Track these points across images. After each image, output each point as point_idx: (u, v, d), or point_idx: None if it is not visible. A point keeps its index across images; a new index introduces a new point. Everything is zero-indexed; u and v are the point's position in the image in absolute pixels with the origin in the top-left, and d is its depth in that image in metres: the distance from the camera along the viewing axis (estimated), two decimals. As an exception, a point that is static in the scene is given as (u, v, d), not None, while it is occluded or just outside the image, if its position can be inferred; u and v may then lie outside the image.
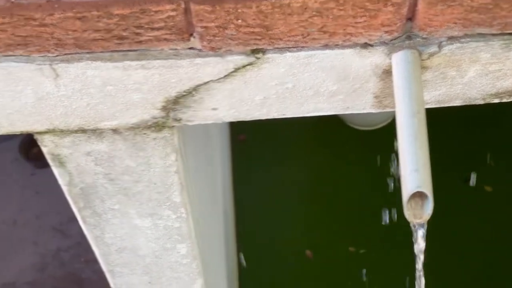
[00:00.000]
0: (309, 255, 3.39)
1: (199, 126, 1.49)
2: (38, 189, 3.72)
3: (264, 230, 3.46)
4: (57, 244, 3.57)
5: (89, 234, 1.36)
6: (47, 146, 1.13)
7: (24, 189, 3.73)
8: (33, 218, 3.64)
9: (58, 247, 3.56)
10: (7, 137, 3.70)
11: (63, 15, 0.89)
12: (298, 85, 1.02)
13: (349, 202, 3.48)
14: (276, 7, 0.89)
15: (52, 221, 3.63)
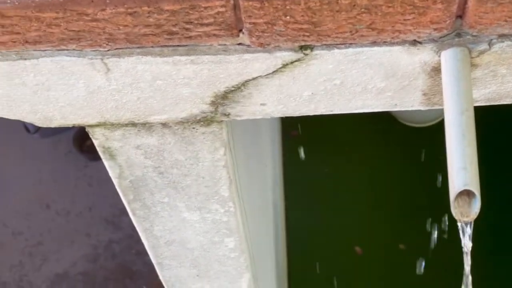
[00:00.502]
0: (359, 252, 3.38)
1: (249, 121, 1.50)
2: (90, 181, 3.77)
3: (313, 225, 3.46)
4: (109, 236, 3.62)
5: (139, 227, 1.38)
6: (98, 139, 1.15)
7: (77, 180, 3.78)
8: (86, 209, 3.69)
9: (110, 239, 3.61)
10: (61, 129, 3.76)
11: (114, 11, 0.90)
12: (346, 82, 1.02)
13: (400, 199, 3.46)
14: (324, 4, 0.89)
15: (104, 213, 3.68)
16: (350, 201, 3.51)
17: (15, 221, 3.67)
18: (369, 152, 3.66)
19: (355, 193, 3.54)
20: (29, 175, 3.80)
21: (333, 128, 3.70)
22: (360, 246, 3.40)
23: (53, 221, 3.67)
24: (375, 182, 3.55)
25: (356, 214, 3.47)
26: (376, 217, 3.43)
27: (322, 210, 3.51)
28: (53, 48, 0.97)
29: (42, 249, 3.60)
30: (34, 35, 0.94)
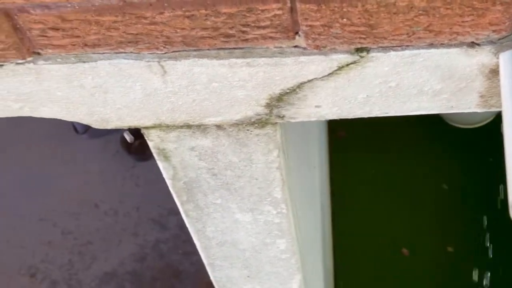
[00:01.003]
0: (406, 253, 3.36)
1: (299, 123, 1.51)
2: (138, 182, 3.80)
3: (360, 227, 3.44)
4: (156, 236, 3.64)
5: (191, 228, 1.39)
6: (153, 140, 1.17)
7: (125, 181, 3.82)
8: (133, 209, 3.72)
9: (157, 239, 3.63)
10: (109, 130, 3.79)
11: (172, 14, 0.91)
12: (402, 84, 1.02)
13: (448, 201, 3.43)
14: (381, 6, 0.89)
15: (152, 213, 3.71)
16: (397, 202, 3.49)
17: (64, 221, 3.71)
18: (416, 153, 3.64)
19: (401, 195, 3.52)
20: (78, 175, 3.84)
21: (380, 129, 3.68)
22: (407, 248, 3.38)
23: (102, 221, 3.71)
24: (422, 184, 3.52)
25: (403, 216, 3.45)
26: (424, 219, 3.41)
27: (369, 211, 3.49)
28: (111, 51, 0.98)
29: (91, 248, 3.64)
30: (93, 38, 0.95)
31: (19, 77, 1.01)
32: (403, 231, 3.41)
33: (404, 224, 3.42)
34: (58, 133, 3.92)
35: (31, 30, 0.93)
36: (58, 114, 1.09)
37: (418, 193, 3.50)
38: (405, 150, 3.66)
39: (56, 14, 0.91)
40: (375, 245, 3.40)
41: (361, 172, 3.61)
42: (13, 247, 3.66)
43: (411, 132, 3.68)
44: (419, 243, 3.36)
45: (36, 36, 0.95)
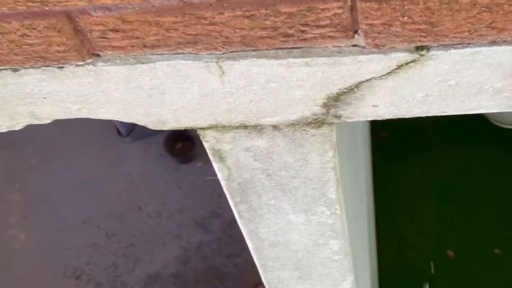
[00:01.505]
0: (451, 256, 3.33)
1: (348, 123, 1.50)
2: (181, 184, 3.82)
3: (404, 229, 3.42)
4: (199, 238, 3.65)
5: (244, 229, 1.39)
6: (209, 141, 1.17)
7: (168, 183, 3.84)
8: (177, 212, 3.74)
9: (200, 241, 3.65)
10: (152, 133, 3.81)
11: (232, 14, 0.91)
12: (462, 82, 1.01)
13: (494, 202, 3.40)
14: (443, 4, 0.88)
15: (194, 215, 3.72)
16: (441, 204, 3.47)
17: (108, 223, 3.74)
18: (460, 154, 3.61)
19: (446, 196, 3.49)
20: (121, 178, 3.87)
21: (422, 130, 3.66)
22: (452, 250, 3.35)
23: (145, 223, 3.74)
24: (467, 185, 3.49)
25: (447, 218, 3.42)
26: (470, 221, 3.38)
27: (413, 213, 3.47)
28: (170, 52, 0.98)
29: (134, 250, 3.67)
30: (153, 39, 0.96)
31: (79, 78, 1.02)
32: (448, 233, 3.39)
33: (449, 226, 3.39)
34: (102, 136, 3.95)
35: (92, 32, 0.94)
36: (115, 115, 1.09)
37: (463, 194, 3.47)
38: (448, 151, 3.63)
39: (116, 15, 0.92)
40: (419, 247, 3.38)
41: (404, 173, 3.59)
42: (58, 249, 3.70)
43: (454, 132, 3.65)
44: (465, 245, 3.33)
45: (96, 38, 0.95)
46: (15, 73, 1.01)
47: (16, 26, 0.93)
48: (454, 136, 3.67)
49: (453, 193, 3.50)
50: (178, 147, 3.94)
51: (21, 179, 3.92)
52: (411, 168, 3.62)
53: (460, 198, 3.47)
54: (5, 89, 1.04)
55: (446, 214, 3.43)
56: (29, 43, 0.95)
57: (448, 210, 3.44)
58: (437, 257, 3.36)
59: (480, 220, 3.37)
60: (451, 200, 3.47)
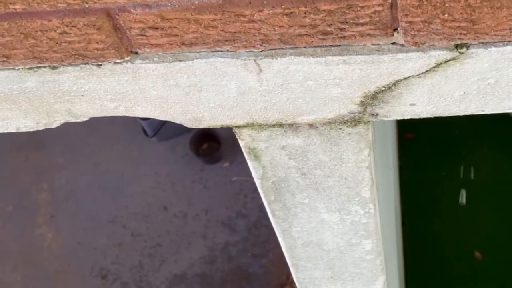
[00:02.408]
0: (478, 257, 3.31)
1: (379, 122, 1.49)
2: (207, 184, 3.82)
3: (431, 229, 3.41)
4: (225, 238, 3.66)
5: (277, 228, 1.39)
6: (245, 139, 1.17)
7: (193, 183, 3.84)
8: (202, 212, 3.74)
9: (226, 241, 3.65)
10: (178, 133, 3.82)
11: (271, 11, 0.91)
12: (501, 81, 1.00)
13: (522, 204, 3.38)
14: (485, 1, 0.88)
15: (220, 215, 3.73)
16: (468, 204, 3.45)
17: (134, 223, 3.75)
18: (487, 155, 3.59)
19: (473, 196, 3.47)
20: (147, 178, 3.88)
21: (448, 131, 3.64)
22: (479, 251, 3.33)
23: (171, 223, 3.74)
24: (495, 185, 3.47)
25: (475, 218, 3.40)
26: (497, 221, 3.36)
27: (439, 213, 3.46)
28: (208, 50, 0.98)
29: (160, 250, 3.68)
30: (191, 37, 0.96)
31: (116, 76, 1.02)
32: (475, 234, 3.37)
33: (476, 227, 3.37)
34: (129, 136, 3.97)
35: (131, 29, 0.94)
36: (152, 113, 1.09)
37: (490, 195, 3.45)
38: (475, 152, 3.61)
39: (156, 13, 0.92)
40: (446, 248, 3.36)
41: (430, 174, 3.58)
42: (85, 248, 3.72)
43: (481, 133, 3.63)
44: (492, 247, 3.31)
45: (135, 36, 0.95)
46: (54, 70, 1.02)
47: (56, 23, 0.93)
48: (481, 137, 3.65)
49: (480, 193, 3.48)
50: (204, 147, 3.94)
51: (48, 178, 3.95)
52: (437, 168, 3.60)
53: (487, 198, 3.45)
54: (43, 87, 1.05)
55: (472, 215, 3.42)
56: (69, 41, 0.96)
57: (474, 211, 3.43)
58: (464, 258, 3.34)
59: (507, 221, 3.35)
60: (478, 200, 3.45)
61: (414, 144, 3.69)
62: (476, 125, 3.64)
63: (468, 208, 3.44)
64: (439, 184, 3.55)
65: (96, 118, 1.13)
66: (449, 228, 3.41)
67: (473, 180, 3.52)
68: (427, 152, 3.66)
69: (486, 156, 3.59)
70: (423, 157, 3.65)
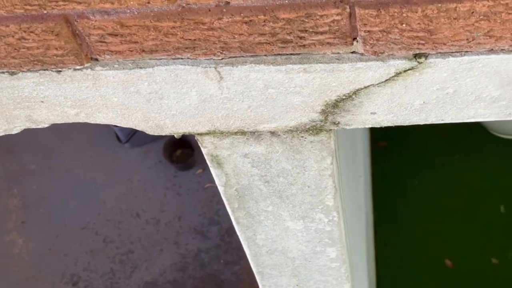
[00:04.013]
0: (449, 265, 3.33)
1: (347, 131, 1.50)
2: (180, 191, 3.81)
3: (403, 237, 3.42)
4: (198, 245, 3.65)
5: (241, 235, 1.39)
6: (207, 147, 1.17)
7: (166, 190, 3.83)
8: (175, 219, 3.73)
9: (198, 248, 3.64)
10: (151, 139, 3.81)
11: (231, 19, 0.91)
12: (459, 90, 1.01)
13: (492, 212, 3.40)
14: (442, 12, 0.88)
15: (193, 222, 3.72)
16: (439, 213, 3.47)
17: (106, 229, 3.74)
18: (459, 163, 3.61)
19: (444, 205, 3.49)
20: (120, 184, 3.87)
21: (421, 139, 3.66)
22: (450, 259, 3.35)
23: (143, 230, 3.73)
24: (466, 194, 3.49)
25: (446, 226, 3.42)
26: (467, 230, 3.37)
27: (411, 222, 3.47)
28: (168, 57, 0.98)
29: (132, 257, 3.66)
30: (151, 44, 0.96)
31: (77, 83, 1.02)
32: (447, 242, 3.38)
33: (448, 235, 3.39)
34: (101, 142, 3.95)
35: (90, 36, 0.94)
36: (113, 120, 1.09)
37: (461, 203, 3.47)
38: (447, 160, 3.63)
39: (115, 20, 0.92)
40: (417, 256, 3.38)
41: (403, 182, 3.59)
42: (56, 255, 3.69)
43: (453, 142, 3.65)
44: (463, 254, 3.33)
45: (94, 42, 0.95)
46: (13, 76, 1.01)
47: (13, 29, 0.93)
48: (453, 146, 3.67)
49: (452, 202, 3.50)
50: (178, 154, 3.93)
51: (20, 184, 3.92)
52: (410, 177, 3.61)
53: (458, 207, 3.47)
54: (2, 93, 1.04)
55: (444, 223, 3.43)
56: (27, 47, 0.95)
57: (446, 219, 3.44)
58: (435, 266, 3.35)
59: (478, 229, 3.37)
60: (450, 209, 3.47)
61: (386, 152, 3.70)
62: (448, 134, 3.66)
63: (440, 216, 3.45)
64: (411, 192, 3.57)
65: (69, 124, 1.13)
66: (421, 236, 3.42)
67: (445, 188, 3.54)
68: (400, 160, 3.68)
69: (459, 165, 3.61)
70: (395, 165, 3.66)
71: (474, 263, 3.29)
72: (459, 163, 3.61)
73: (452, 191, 3.52)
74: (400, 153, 3.69)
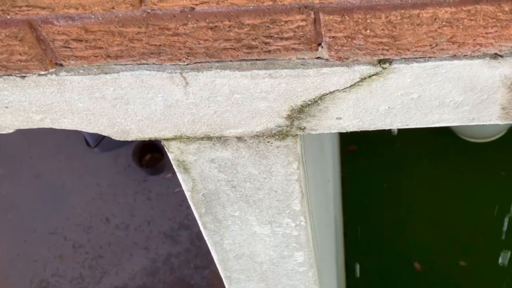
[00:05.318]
0: (418, 268, 3.35)
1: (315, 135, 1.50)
2: (149, 196, 3.80)
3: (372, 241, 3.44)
4: (168, 250, 3.64)
5: (209, 240, 1.39)
6: (173, 152, 1.16)
7: (136, 195, 3.82)
8: (145, 223, 3.72)
9: (168, 253, 3.63)
10: (120, 144, 3.80)
11: (196, 25, 0.91)
12: (424, 96, 1.02)
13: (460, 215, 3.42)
14: (405, 18, 0.89)
15: (163, 227, 3.71)
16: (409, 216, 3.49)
17: (75, 235, 3.71)
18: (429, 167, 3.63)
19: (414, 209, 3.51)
20: (89, 189, 3.85)
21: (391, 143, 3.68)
22: (419, 262, 3.37)
23: (113, 235, 3.71)
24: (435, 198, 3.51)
25: (415, 230, 3.44)
26: (436, 233, 3.40)
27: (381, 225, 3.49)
28: (134, 62, 0.98)
29: (101, 262, 3.64)
30: (116, 50, 0.95)
31: (41, 88, 1.01)
32: (415, 245, 3.40)
33: (416, 238, 3.41)
34: (70, 147, 3.93)
35: (55, 41, 0.94)
36: (78, 125, 1.09)
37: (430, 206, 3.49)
38: (417, 164, 3.66)
39: (79, 25, 0.92)
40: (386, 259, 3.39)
41: (373, 185, 3.61)
42: (25, 260, 3.67)
43: (423, 146, 3.67)
44: (432, 258, 3.35)
45: (59, 48, 0.95)
46: (-23, 82, 1.01)
47: (-23, 34, 0.92)
48: (423, 149, 3.69)
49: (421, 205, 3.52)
50: (147, 158, 3.92)
51: (-12, 189, 3.89)
52: (380, 180, 3.63)
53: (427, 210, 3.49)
54: (-34, 98, 1.03)
55: (413, 226, 3.45)
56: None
57: (415, 223, 3.46)
58: (404, 269, 3.37)
59: (446, 232, 3.40)
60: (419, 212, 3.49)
61: (356, 156, 3.72)
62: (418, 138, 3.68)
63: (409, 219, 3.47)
64: (381, 196, 3.58)
65: (37, 129, 1.12)
66: (390, 240, 3.44)
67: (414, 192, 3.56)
68: (370, 164, 3.69)
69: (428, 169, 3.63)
70: (365, 169, 3.68)
71: (443, 266, 3.32)
72: (428, 166, 3.64)
73: (421, 195, 3.54)
74: (370, 157, 3.71)
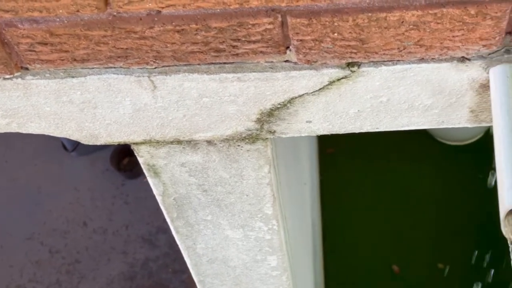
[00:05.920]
0: (396, 270, 3.35)
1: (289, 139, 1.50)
2: (127, 200, 3.78)
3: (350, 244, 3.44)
4: (146, 254, 3.62)
5: (181, 245, 1.38)
6: (143, 156, 1.16)
7: (114, 199, 3.80)
8: (123, 228, 3.70)
9: (146, 257, 3.61)
10: (98, 148, 3.78)
11: (163, 28, 0.91)
12: (393, 99, 1.01)
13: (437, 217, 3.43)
14: (372, 21, 0.89)
15: (141, 231, 3.69)
16: (387, 219, 3.49)
17: (52, 239, 3.69)
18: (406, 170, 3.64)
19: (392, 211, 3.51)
20: (66, 193, 3.82)
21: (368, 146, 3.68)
22: (397, 265, 3.37)
23: (90, 239, 3.69)
24: (412, 200, 3.52)
25: (393, 232, 3.44)
26: (414, 236, 3.40)
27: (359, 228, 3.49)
28: (101, 66, 0.97)
29: (79, 267, 3.62)
30: (82, 53, 0.95)
31: (7, 92, 1.00)
32: (393, 247, 3.41)
33: (395, 241, 3.41)
34: (47, 151, 3.90)
35: (19, 44, 0.93)
36: (46, 129, 1.08)
37: (408, 209, 3.50)
38: (394, 167, 3.66)
39: (44, 28, 0.91)
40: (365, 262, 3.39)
41: (351, 188, 3.61)
42: (1, 266, 3.64)
43: (400, 149, 3.68)
44: (410, 260, 3.35)
45: (24, 51, 0.94)
46: None
47: None
48: (401, 152, 3.70)
49: (399, 208, 3.52)
50: (125, 162, 3.90)
51: (-37, 194, 3.86)
52: (358, 183, 3.63)
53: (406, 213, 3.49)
54: None
55: (392, 229, 3.46)
56: (-45, 56, 0.94)
57: (394, 226, 3.47)
58: (383, 272, 3.38)
59: (424, 235, 3.40)
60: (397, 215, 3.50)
61: (334, 159, 3.72)
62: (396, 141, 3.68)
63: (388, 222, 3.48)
64: (359, 199, 3.59)
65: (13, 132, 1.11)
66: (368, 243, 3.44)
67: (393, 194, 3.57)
68: (348, 166, 3.69)
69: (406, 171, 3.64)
70: (343, 172, 3.68)
71: (421, 269, 3.32)
72: (407, 169, 3.64)
73: (399, 197, 3.55)
74: (348, 159, 3.71)
